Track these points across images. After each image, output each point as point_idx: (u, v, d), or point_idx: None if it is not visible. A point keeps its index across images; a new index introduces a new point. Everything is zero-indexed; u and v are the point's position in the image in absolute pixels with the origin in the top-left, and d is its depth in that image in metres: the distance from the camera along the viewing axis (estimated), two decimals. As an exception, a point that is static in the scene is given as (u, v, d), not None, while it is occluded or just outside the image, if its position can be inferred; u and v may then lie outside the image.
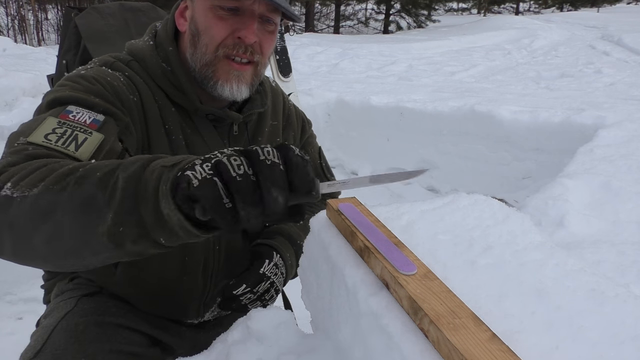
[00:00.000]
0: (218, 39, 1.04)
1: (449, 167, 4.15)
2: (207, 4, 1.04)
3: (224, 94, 1.07)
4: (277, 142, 0.72)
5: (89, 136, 0.87)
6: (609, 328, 0.60)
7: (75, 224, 0.70)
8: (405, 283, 0.68)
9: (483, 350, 0.56)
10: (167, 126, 1.10)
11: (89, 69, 1.05)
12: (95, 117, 0.92)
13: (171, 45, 1.11)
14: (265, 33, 1.07)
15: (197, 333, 1.32)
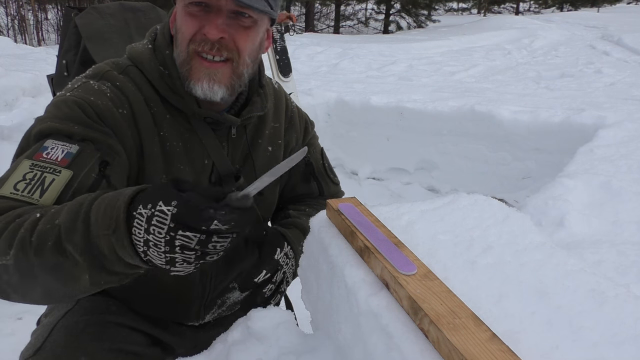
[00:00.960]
0: (187, 35, 1.03)
1: (449, 167, 4.15)
2: (182, 4, 1.04)
3: (197, 93, 1.05)
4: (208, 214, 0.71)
5: (56, 176, 0.92)
6: (609, 328, 0.60)
7: (59, 284, 0.81)
8: (405, 283, 0.68)
9: (483, 350, 0.56)
10: (162, 133, 1.10)
11: (75, 89, 1.05)
12: (69, 149, 0.95)
13: (168, 49, 1.10)
14: (238, 28, 1.04)
15: (198, 333, 1.32)
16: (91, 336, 1.08)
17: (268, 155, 1.26)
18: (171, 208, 0.70)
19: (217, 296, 1.27)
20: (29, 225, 0.80)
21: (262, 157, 1.25)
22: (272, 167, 1.28)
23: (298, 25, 16.72)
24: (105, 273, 0.77)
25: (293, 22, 3.82)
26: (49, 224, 0.80)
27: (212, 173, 1.15)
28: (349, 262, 0.81)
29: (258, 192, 0.77)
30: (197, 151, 1.14)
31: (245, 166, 1.21)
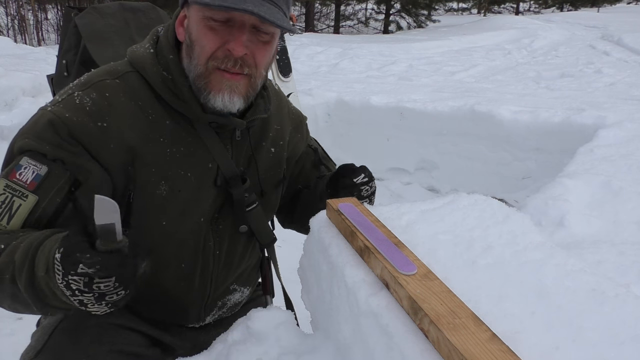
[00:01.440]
0: (208, 50, 1.02)
1: (449, 167, 4.15)
2: (199, 15, 1.02)
3: (217, 106, 1.05)
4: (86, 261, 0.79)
5: (23, 201, 0.99)
6: (609, 328, 0.60)
7: (21, 307, 0.94)
8: (405, 283, 0.68)
9: (483, 350, 0.56)
10: (161, 139, 1.09)
11: (58, 103, 1.05)
12: (39, 171, 1.00)
13: (172, 54, 1.09)
14: (258, 44, 1.05)
15: (198, 333, 1.32)
16: (92, 338, 1.08)
17: (270, 157, 1.27)
18: (58, 256, 0.80)
19: (217, 298, 1.27)
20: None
21: (264, 158, 1.25)
22: (274, 168, 1.30)
23: (298, 25, 16.72)
24: (48, 306, 0.89)
25: (293, 22, 3.82)
26: (7, 257, 0.91)
27: (218, 176, 1.15)
28: (349, 262, 0.81)
29: (255, 195, 0.79)
30: (200, 155, 1.13)
31: (249, 168, 1.22)
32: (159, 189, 1.09)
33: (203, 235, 1.17)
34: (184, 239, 1.15)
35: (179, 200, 1.11)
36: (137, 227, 1.10)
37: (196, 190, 1.13)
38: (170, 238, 1.13)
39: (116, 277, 0.78)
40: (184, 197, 1.12)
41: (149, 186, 1.08)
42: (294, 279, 1.21)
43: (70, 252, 0.78)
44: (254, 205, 1.22)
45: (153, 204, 1.09)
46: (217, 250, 1.21)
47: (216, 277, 1.23)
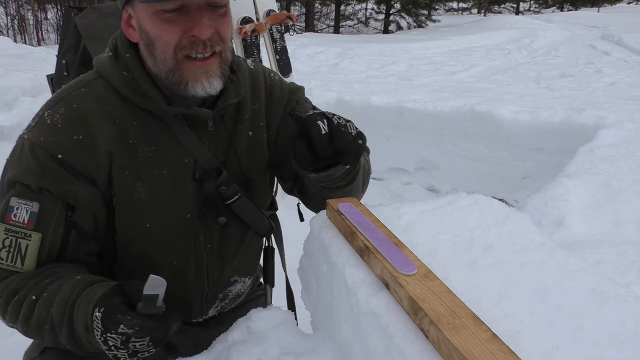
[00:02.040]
0: (172, 42, 1.00)
1: (449, 167, 4.15)
2: (149, 11, 0.99)
3: (198, 94, 1.04)
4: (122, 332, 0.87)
5: (29, 241, 1.02)
6: (609, 328, 0.60)
7: (59, 345, 1.00)
8: (405, 283, 0.68)
9: (483, 350, 0.56)
10: (130, 141, 1.08)
11: (32, 128, 1.05)
12: (32, 208, 1.02)
13: (128, 52, 1.07)
14: (218, 19, 1.02)
15: (200, 331, 1.32)
16: None
17: (249, 141, 1.21)
18: (99, 315, 0.87)
19: (217, 291, 1.27)
20: (29, 307, 0.98)
21: (243, 143, 1.20)
22: (255, 151, 1.23)
23: (298, 25, 16.72)
24: (90, 352, 0.97)
25: (293, 22, 3.82)
26: (44, 310, 0.97)
27: (196, 170, 1.13)
28: (349, 262, 0.81)
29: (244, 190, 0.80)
30: (174, 151, 1.11)
31: (228, 156, 1.18)
32: (136, 191, 1.09)
33: (192, 231, 1.16)
34: (171, 237, 1.14)
35: (159, 201, 1.11)
36: (122, 230, 1.11)
37: (174, 187, 1.12)
38: (156, 238, 1.13)
39: (151, 337, 0.86)
40: (163, 196, 1.11)
41: (126, 190, 1.08)
42: (294, 279, 1.21)
43: (112, 313, 0.86)
44: (237, 197, 1.17)
45: (133, 207, 1.09)
46: (208, 244, 1.19)
47: (212, 271, 1.23)
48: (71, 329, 0.94)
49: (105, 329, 0.86)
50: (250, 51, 3.63)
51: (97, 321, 0.87)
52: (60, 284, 0.98)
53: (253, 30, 3.58)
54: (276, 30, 3.80)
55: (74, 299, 0.95)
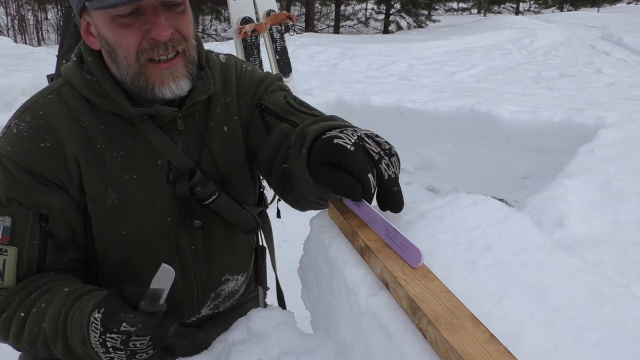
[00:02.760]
0: (132, 48, 0.97)
1: (449, 167, 4.15)
2: (105, 17, 0.96)
3: (166, 96, 1.02)
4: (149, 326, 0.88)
5: (5, 257, 1.01)
6: (609, 328, 0.60)
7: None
8: (405, 283, 0.68)
9: (480, 350, 0.56)
10: (98, 146, 1.06)
11: (0, 140, 1.05)
12: (4, 223, 1.01)
13: (91, 56, 1.06)
14: (177, 17, 1.00)
15: (197, 333, 1.32)
16: None
17: (224, 137, 1.18)
18: (99, 315, 0.86)
19: (209, 290, 1.26)
20: (18, 324, 0.98)
21: (218, 140, 1.17)
22: (231, 147, 1.19)
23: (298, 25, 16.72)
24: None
25: (293, 22, 3.82)
26: (35, 326, 0.97)
27: (170, 172, 1.11)
28: (349, 262, 0.81)
29: (223, 182, 0.81)
30: (145, 154, 1.09)
31: (203, 155, 1.15)
32: (109, 197, 1.07)
33: (173, 234, 1.14)
34: (151, 242, 1.12)
35: (133, 206, 1.08)
36: (100, 238, 1.09)
37: (148, 191, 1.09)
38: (135, 245, 1.11)
39: (151, 336, 0.86)
40: (137, 201, 1.09)
41: (98, 196, 1.06)
42: (294, 279, 1.21)
43: (114, 312, 0.86)
44: (214, 197, 1.14)
45: (107, 214, 1.08)
46: (192, 245, 1.17)
47: (200, 271, 1.21)
48: (66, 343, 0.95)
49: (105, 329, 0.86)
50: (250, 51, 3.63)
51: (97, 322, 0.87)
52: (49, 299, 0.98)
53: (253, 31, 3.58)
54: (276, 30, 3.80)
55: (66, 312, 0.95)
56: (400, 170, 0.84)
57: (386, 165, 0.82)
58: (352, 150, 0.81)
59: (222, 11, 15.63)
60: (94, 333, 0.87)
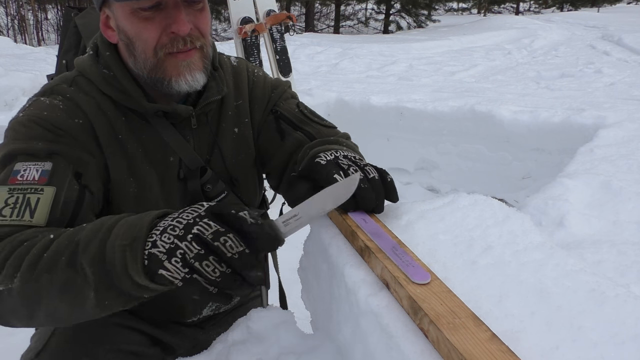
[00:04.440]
0: (152, 41, 0.99)
1: (449, 167, 4.15)
2: (126, 10, 0.98)
3: (182, 88, 1.03)
4: (232, 215, 0.72)
5: (40, 195, 0.91)
6: (609, 328, 0.60)
7: (65, 305, 0.79)
8: (406, 283, 0.68)
9: (482, 350, 0.56)
10: (120, 136, 1.07)
11: (27, 109, 1.03)
12: (43, 167, 0.94)
13: (108, 50, 1.07)
14: (196, 14, 1.02)
15: (197, 333, 1.32)
16: (92, 337, 1.08)
17: (234, 138, 1.20)
18: (208, 207, 0.74)
19: None
20: (42, 245, 0.81)
21: (228, 141, 1.19)
22: (241, 149, 1.22)
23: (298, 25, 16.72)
24: (111, 291, 0.75)
25: (293, 22, 3.83)
26: (66, 240, 0.80)
27: (180, 169, 1.12)
28: (349, 262, 0.81)
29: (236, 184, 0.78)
30: (158, 150, 1.10)
31: (213, 155, 1.18)
32: (130, 186, 1.08)
33: None
34: None
35: (151, 197, 1.10)
36: None
37: (161, 186, 1.11)
38: None
39: (261, 242, 0.72)
40: (154, 192, 1.10)
41: (121, 183, 1.07)
42: (294, 279, 1.21)
43: (224, 206, 0.73)
44: (223, 195, 1.16)
45: (129, 202, 1.08)
46: None
47: None
48: (104, 243, 0.76)
49: (214, 214, 0.72)
50: (250, 51, 3.64)
51: (198, 208, 0.74)
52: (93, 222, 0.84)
53: (253, 31, 3.58)
54: (276, 30, 3.80)
55: (117, 219, 0.80)
56: (376, 176, 0.92)
57: (354, 170, 0.89)
58: (323, 164, 0.91)
59: (222, 11, 15.63)
60: (187, 217, 0.72)
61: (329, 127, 1.25)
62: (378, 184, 0.88)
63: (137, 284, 0.74)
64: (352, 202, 0.86)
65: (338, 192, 0.76)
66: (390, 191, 0.89)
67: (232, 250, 0.70)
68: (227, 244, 0.70)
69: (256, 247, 0.71)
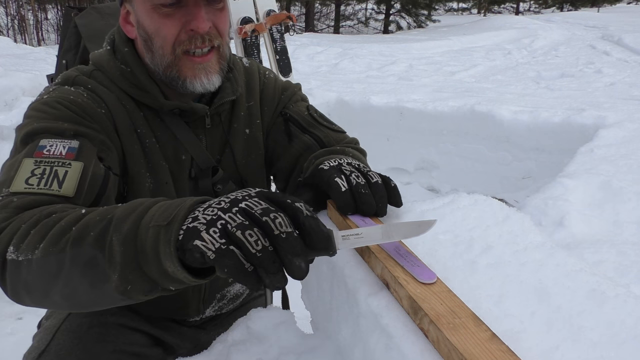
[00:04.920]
0: (171, 37, 1.00)
1: (449, 167, 4.15)
2: (147, 6, 0.99)
3: (196, 89, 1.04)
4: (288, 203, 0.65)
5: (68, 168, 0.88)
6: (609, 328, 0.60)
7: (85, 283, 0.72)
8: (405, 283, 0.68)
9: (482, 350, 0.56)
10: (138, 130, 1.08)
11: (50, 92, 1.02)
12: (70, 144, 0.92)
13: (126, 46, 1.08)
14: (216, 13, 1.03)
15: (199, 333, 1.32)
16: (95, 338, 1.08)
17: (245, 139, 1.21)
18: (260, 190, 0.67)
19: (215, 290, 1.27)
20: (71, 218, 0.76)
21: (239, 141, 1.20)
22: (252, 150, 1.22)
23: (298, 25, 16.72)
24: (135, 274, 0.69)
25: (293, 22, 3.82)
26: (98, 216, 0.74)
27: (192, 168, 1.13)
28: (349, 262, 0.81)
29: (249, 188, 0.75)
30: (172, 147, 1.11)
31: (225, 155, 1.18)
32: (146, 181, 1.08)
33: None
34: None
35: (166, 193, 1.10)
36: None
37: (174, 184, 1.12)
38: None
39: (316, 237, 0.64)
40: (169, 188, 1.10)
41: (138, 177, 1.08)
42: (294, 279, 1.21)
43: (279, 194, 0.67)
44: None
45: (145, 197, 1.08)
46: None
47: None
48: (138, 222, 0.70)
49: (264, 197, 0.66)
50: (250, 51, 3.63)
51: (249, 190, 0.68)
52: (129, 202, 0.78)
53: (253, 31, 3.58)
54: (276, 30, 3.80)
55: (155, 200, 0.75)
56: (379, 181, 0.89)
57: (356, 176, 0.88)
58: (326, 169, 0.91)
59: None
60: (224, 198, 0.66)
61: (338, 131, 1.25)
62: (381, 188, 0.87)
63: (163, 271, 0.67)
64: (353, 207, 0.85)
65: (409, 227, 0.72)
66: (394, 196, 0.88)
67: (280, 228, 0.62)
68: (276, 220, 0.62)
69: (308, 242, 0.64)
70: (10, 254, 0.75)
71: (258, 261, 0.60)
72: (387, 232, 0.71)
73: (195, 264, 0.64)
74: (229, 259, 0.60)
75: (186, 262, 0.65)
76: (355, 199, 0.84)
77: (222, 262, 0.60)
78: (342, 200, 0.85)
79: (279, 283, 0.62)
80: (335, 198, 0.86)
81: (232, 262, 0.60)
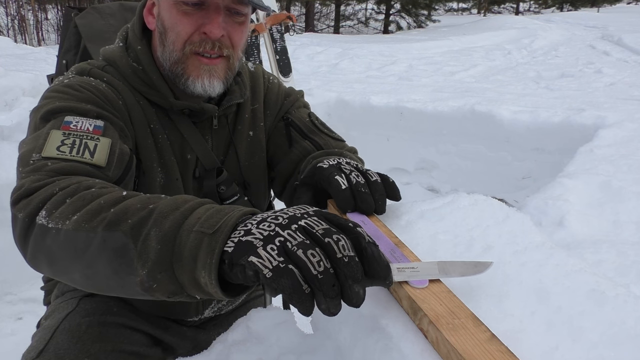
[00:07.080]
0: (184, 35, 1.01)
1: (449, 167, 4.15)
2: (171, 0, 1.00)
3: (196, 90, 1.05)
4: (350, 227, 0.62)
5: (97, 142, 0.89)
6: (609, 328, 0.60)
7: (109, 269, 0.69)
8: (405, 283, 0.68)
9: (482, 350, 0.56)
10: (152, 125, 1.09)
11: (71, 78, 1.03)
12: (95, 122, 0.93)
13: (139, 44, 1.09)
14: (234, 25, 1.04)
15: (198, 333, 1.32)
16: (94, 337, 1.08)
17: (249, 141, 1.22)
18: (317, 209, 0.65)
19: None
20: (111, 198, 0.72)
21: (243, 143, 1.21)
22: (255, 152, 1.24)
23: (298, 25, 16.73)
24: (164, 276, 0.65)
25: (293, 22, 3.83)
26: (139, 203, 0.71)
27: (197, 168, 1.14)
28: (348, 262, 0.81)
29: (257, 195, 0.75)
30: (179, 146, 1.12)
31: (229, 156, 1.20)
32: (158, 176, 1.09)
33: None
34: None
35: (176, 190, 1.11)
36: None
37: (180, 182, 1.13)
38: None
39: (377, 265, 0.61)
40: (178, 185, 1.11)
41: (150, 172, 1.09)
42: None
43: (337, 216, 0.64)
44: (235, 198, 1.18)
45: (156, 191, 1.09)
46: None
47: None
48: (181, 223, 0.66)
49: (324, 218, 0.63)
50: (250, 51, 3.64)
51: (306, 207, 0.65)
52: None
53: (253, 31, 3.58)
54: (276, 30, 3.81)
55: (201, 201, 0.71)
56: (378, 179, 0.89)
57: (355, 175, 0.87)
58: (325, 167, 0.91)
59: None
60: (280, 213, 0.63)
61: (337, 139, 1.24)
62: (380, 186, 0.88)
63: (194, 280, 0.63)
64: (353, 205, 0.86)
65: (466, 266, 0.70)
66: (393, 190, 0.89)
67: (343, 251, 0.58)
68: (339, 243, 0.59)
69: (367, 269, 0.60)
70: (41, 219, 0.73)
71: (319, 284, 0.57)
72: (444, 269, 0.70)
73: (238, 281, 0.60)
74: (286, 279, 0.56)
75: (226, 276, 0.61)
76: (355, 197, 0.85)
77: (278, 282, 0.56)
78: (342, 198, 0.85)
79: (335, 309, 0.58)
80: (335, 196, 0.85)
81: (289, 283, 0.56)
